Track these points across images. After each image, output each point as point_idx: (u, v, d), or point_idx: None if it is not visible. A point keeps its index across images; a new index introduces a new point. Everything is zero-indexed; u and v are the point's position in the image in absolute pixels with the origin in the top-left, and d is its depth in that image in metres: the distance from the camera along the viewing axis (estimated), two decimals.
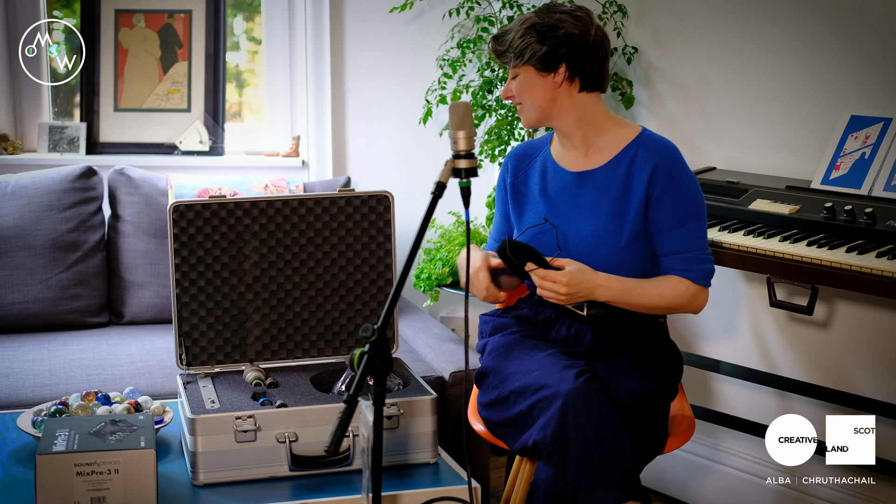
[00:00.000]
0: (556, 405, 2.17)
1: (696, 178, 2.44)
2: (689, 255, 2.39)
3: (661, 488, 3.40)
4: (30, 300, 3.29)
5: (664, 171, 2.37)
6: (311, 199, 2.61)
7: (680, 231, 2.38)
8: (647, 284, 2.37)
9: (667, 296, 2.38)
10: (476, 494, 2.21)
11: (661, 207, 2.37)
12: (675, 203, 2.37)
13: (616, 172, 2.41)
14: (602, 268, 2.36)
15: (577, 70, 2.38)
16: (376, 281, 2.65)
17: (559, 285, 2.30)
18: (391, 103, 3.90)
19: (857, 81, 2.86)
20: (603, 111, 2.45)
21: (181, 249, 2.54)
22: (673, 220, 2.38)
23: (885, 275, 2.41)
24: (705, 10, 3.21)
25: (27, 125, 3.78)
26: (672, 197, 2.37)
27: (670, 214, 2.37)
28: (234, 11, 4.00)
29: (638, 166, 2.39)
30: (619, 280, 2.35)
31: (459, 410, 2.94)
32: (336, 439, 1.86)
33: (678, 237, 2.38)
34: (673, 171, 2.38)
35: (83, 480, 2.11)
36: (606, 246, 2.38)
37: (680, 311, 2.43)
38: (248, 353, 2.60)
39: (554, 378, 2.23)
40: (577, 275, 2.31)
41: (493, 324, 2.54)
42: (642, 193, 2.37)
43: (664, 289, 2.38)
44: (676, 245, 2.39)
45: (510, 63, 2.41)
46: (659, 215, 2.38)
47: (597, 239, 2.39)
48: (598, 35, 2.39)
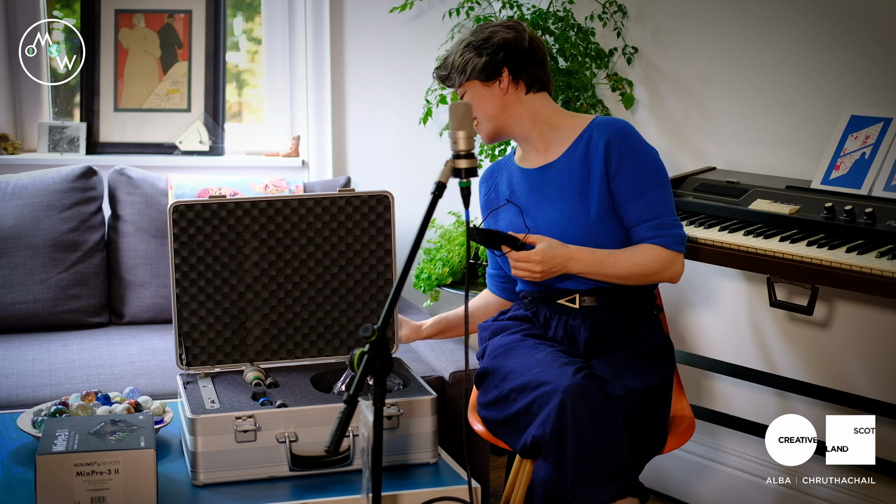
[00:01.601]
0: (555, 401, 2.17)
1: (654, 149, 2.50)
2: (656, 222, 2.44)
3: (661, 488, 3.40)
4: (30, 300, 3.29)
5: (617, 144, 2.44)
6: (311, 199, 2.61)
7: (644, 199, 2.43)
8: (618, 253, 2.43)
9: (640, 262, 2.42)
10: (476, 494, 2.21)
11: (621, 179, 2.43)
12: (634, 173, 2.43)
13: (574, 157, 2.48)
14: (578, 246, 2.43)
15: (518, 72, 2.49)
16: (376, 281, 2.65)
17: (533, 263, 2.37)
18: (391, 103, 3.90)
19: (857, 81, 2.86)
20: (554, 108, 2.54)
21: (181, 249, 2.54)
22: (634, 190, 2.43)
23: (885, 275, 2.41)
24: (705, 10, 3.21)
25: (27, 125, 3.78)
26: (630, 167, 2.43)
27: (631, 184, 2.43)
28: (234, 11, 4.00)
29: (593, 146, 2.46)
30: (590, 251, 2.41)
31: (459, 410, 2.94)
32: (336, 439, 1.86)
33: (643, 205, 2.43)
34: (626, 142, 2.45)
35: (83, 480, 2.11)
36: (577, 225, 2.44)
37: (657, 278, 2.46)
38: (248, 353, 2.60)
39: (552, 374, 2.23)
40: (548, 251, 2.37)
41: (493, 328, 2.56)
42: (601, 168, 2.44)
43: (636, 256, 2.42)
44: (642, 213, 2.44)
45: (455, 84, 2.52)
46: (620, 187, 2.43)
47: (566, 220, 2.45)
48: (533, 39, 2.52)
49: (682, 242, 2.45)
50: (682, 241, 2.46)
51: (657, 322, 2.52)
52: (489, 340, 2.53)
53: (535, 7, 3.47)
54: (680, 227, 2.46)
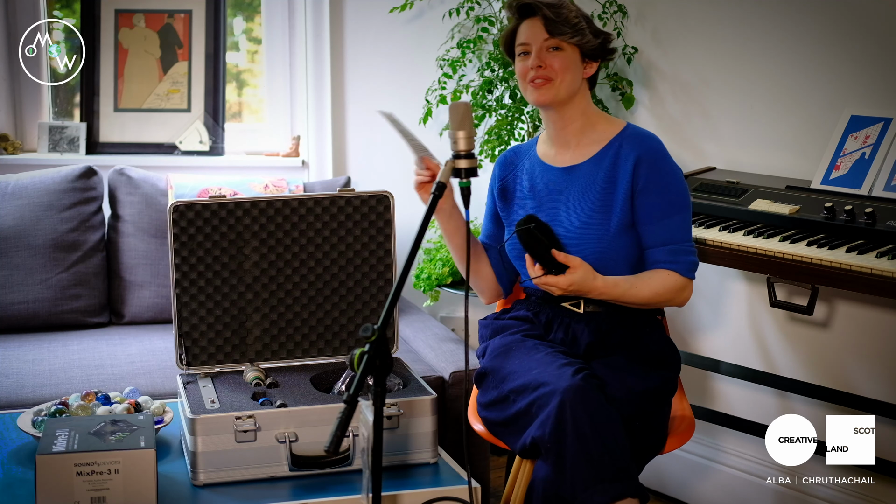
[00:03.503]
0: (554, 402, 2.17)
1: (681, 170, 2.47)
2: (674, 248, 2.41)
3: (661, 488, 3.40)
4: (30, 300, 3.29)
5: (647, 163, 2.41)
6: (311, 199, 2.61)
7: (665, 222, 2.40)
8: (639, 284, 2.39)
9: (658, 291, 2.40)
10: (476, 494, 2.21)
11: (645, 198, 2.40)
12: (660, 194, 2.40)
13: (601, 165, 2.44)
14: (592, 258, 2.38)
15: (597, 71, 2.49)
16: (376, 281, 2.65)
17: (556, 288, 2.34)
18: (391, 103, 3.89)
19: (857, 81, 2.86)
20: (595, 108, 2.52)
21: (181, 249, 2.54)
22: (657, 212, 2.40)
23: (885, 275, 2.41)
24: (705, 10, 3.21)
25: (27, 125, 3.78)
26: (656, 189, 2.40)
27: (655, 206, 2.40)
28: (234, 11, 4.00)
29: (622, 158, 2.42)
30: (615, 283, 2.37)
31: (459, 410, 2.94)
32: (336, 439, 1.86)
33: (663, 228, 2.41)
34: (656, 161, 2.42)
35: (83, 480, 2.11)
36: (595, 237, 2.41)
37: (667, 304, 2.46)
38: (248, 353, 2.60)
39: (552, 375, 2.23)
40: (578, 282, 2.33)
41: (493, 327, 2.55)
42: (627, 184, 2.40)
43: (655, 284, 2.40)
44: (662, 237, 2.41)
45: (556, 34, 2.40)
46: (643, 206, 2.40)
47: (585, 230, 2.41)
48: None
49: (695, 269, 2.44)
50: (695, 268, 2.44)
51: (659, 327, 2.52)
52: (490, 340, 2.53)
53: None
54: (694, 253, 2.44)
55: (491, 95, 3.51)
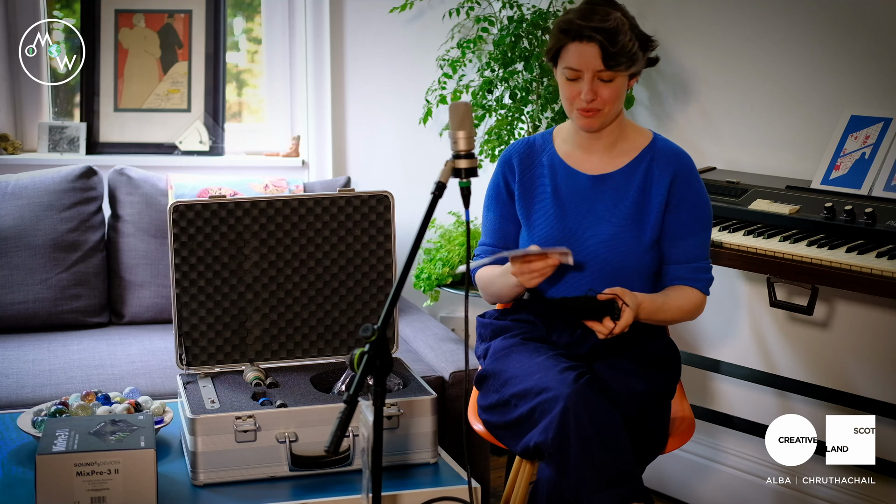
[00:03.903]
0: (557, 408, 2.16)
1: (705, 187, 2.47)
2: (696, 265, 2.43)
3: (661, 488, 3.40)
4: (30, 300, 3.29)
5: (683, 180, 2.40)
6: (311, 199, 2.61)
7: (691, 240, 2.41)
8: (671, 301, 2.40)
9: (684, 309, 2.43)
10: (476, 494, 2.21)
11: (676, 215, 2.40)
12: (691, 212, 2.41)
13: (634, 177, 2.42)
14: (621, 271, 2.38)
15: None
16: (376, 281, 2.65)
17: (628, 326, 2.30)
18: (391, 103, 3.90)
19: (857, 81, 2.86)
20: (626, 117, 2.48)
21: (181, 249, 2.54)
22: (687, 229, 2.41)
23: (885, 275, 2.41)
24: (705, 10, 3.21)
25: (27, 125, 3.78)
26: (689, 206, 2.40)
27: (685, 223, 2.40)
28: (234, 11, 4.00)
29: (657, 172, 2.41)
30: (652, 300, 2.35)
31: (459, 410, 2.94)
32: (336, 439, 1.86)
33: (690, 246, 2.41)
34: (690, 179, 2.42)
35: (83, 480, 2.11)
36: (627, 250, 2.39)
37: (685, 320, 2.48)
38: (248, 353, 2.60)
39: (554, 381, 2.22)
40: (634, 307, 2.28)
41: (494, 328, 2.52)
42: (662, 200, 2.39)
43: (683, 303, 2.42)
44: (686, 254, 2.42)
45: (612, 66, 2.29)
46: (673, 223, 2.40)
47: (618, 243, 2.39)
48: None
49: (710, 286, 2.46)
50: (711, 284, 2.46)
51: (663, 329, 2.52)
52: (490, 341, 2.52)
53: (535, 7, 3.46)
54: (711, 269, 2.46)
55: (491, 95, 3.51)
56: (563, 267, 2.36)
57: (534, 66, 3.38)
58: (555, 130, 2.53)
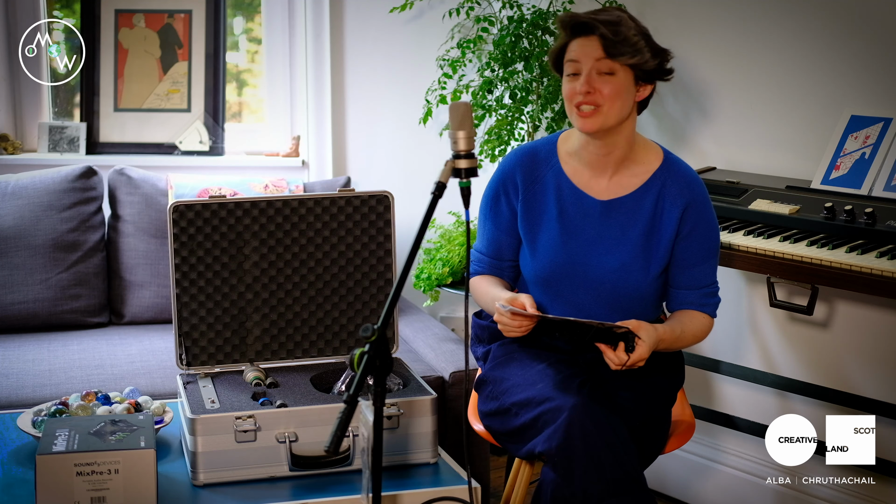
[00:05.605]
0: (562, 418, 2.16)
1: None
2: (706, 291, 2.41)
3: (662, 488, 3.40)
4: (30, 300, 3.29)
5: (695, 209, 2.35)
6: (311, 199, 2.61)
7: (701, 267, 2.39)
8: (687, 332, 2.37)
9: (697, 335, 2.41)
10: (476, 494, 2.21)
11: (688, 244, 2.36)
12: (702, 241, 2.37)
13: (644, 203, 2.35)
14: (627, 298, 2.35)
15: (651, 95, 2.33)
16: (376, 281, 2.65)
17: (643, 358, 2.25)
18: (391, 103, 3.90)
19: (857, 81, 2.86)
20: (638, 134, 2.40)
21: (181, 249, 2.54)
22: (697, 257, 2.37)
23: (885, 275, 2.41)
24: (706, 10, 3.21)
25: (27, 125, 3.78)
26: (700, 235, 2.37)
27: (696, 251, 2.37)
28: (234, 11, 4.00)
29: (668, 201, 2.34)
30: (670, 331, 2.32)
31: (459, 410, 2.94)
32: (336, 439, 1.86)
33: (700, 273, 2.39)
34: (703, 208, 2.37)
35: (83, 480, 2.11)
36: (635, 280, 2.35)
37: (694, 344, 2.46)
38: (248, 353, 2.60)
39: (557, 390, 2.22)
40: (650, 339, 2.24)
41: (492, 330, 2.47)
42: (673, 230, 2.34)
43: (697, 330, 2.40)
44: (696, 280, 2.39)
45: (613, 55, 2.22)
46: (684, 251, 2.37)
47: (625, 272, 2.35)
48: None
49: (718, 307, 2.45)
50: (719, 306, 2.45)
51: None
52: (489, 343, 2.51)
53: (535, 7, 3.47)
54: (718, 291, 2.44)
55: (491, 95, 3.51)
56: (566, 291, 2.36)
57: (534, 66, 3.38)
58: (560, 138, 2.43)
